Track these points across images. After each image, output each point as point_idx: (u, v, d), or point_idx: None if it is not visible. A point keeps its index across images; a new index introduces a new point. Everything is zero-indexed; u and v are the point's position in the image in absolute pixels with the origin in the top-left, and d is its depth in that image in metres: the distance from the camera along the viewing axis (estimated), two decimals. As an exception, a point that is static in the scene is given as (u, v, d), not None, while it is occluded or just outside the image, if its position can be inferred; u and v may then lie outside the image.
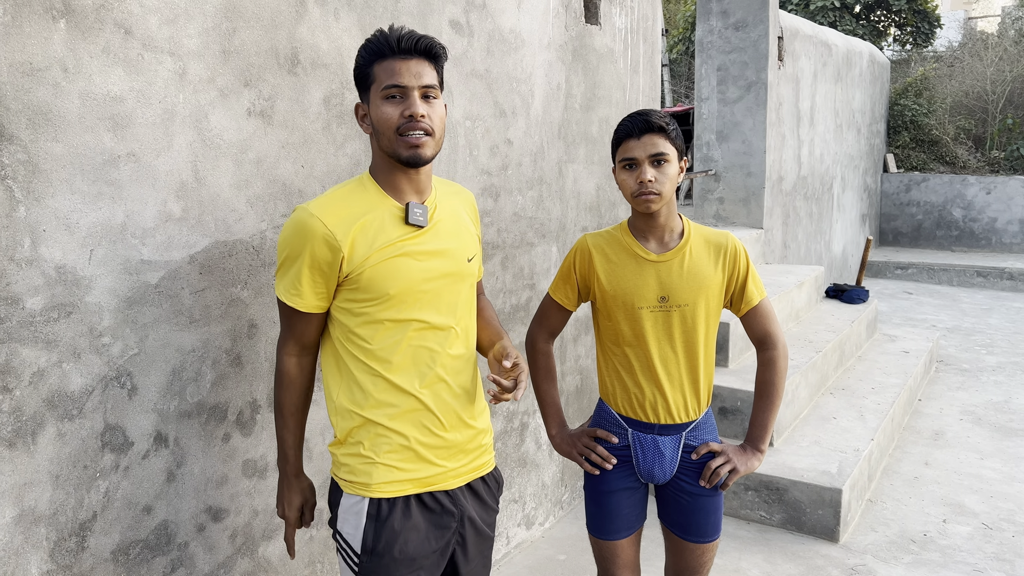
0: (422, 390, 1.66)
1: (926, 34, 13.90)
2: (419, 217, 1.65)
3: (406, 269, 1.62)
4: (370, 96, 1.62)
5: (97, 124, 1.65)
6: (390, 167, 1.65)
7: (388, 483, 1.64)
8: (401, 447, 1.65)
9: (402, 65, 1.57)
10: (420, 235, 1.66)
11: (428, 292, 1.65)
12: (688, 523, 2.04)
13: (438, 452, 1.69)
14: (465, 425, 1.74)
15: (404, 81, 1.57)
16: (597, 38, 3.51)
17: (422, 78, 1.58)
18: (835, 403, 4.48)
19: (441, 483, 1.70)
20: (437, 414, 1.68)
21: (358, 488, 1.65)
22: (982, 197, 10.69)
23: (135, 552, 1.80)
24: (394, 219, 1.64)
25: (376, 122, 1.61)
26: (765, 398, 2.03)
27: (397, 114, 1.57)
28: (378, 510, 1.64)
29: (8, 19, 1.49)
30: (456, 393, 1.71)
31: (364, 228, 1.60)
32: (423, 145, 1.59)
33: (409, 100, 1.57)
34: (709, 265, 1.98)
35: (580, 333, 3.63)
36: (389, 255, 1.61)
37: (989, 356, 6.37)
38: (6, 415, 1.54)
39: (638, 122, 1.87)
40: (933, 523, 3.54)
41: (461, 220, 1.76)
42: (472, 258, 1.75)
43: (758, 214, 6.28)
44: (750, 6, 6.05)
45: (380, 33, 1.59)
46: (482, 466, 1.79)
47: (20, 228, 1.54)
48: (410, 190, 1.67)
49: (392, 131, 1.58)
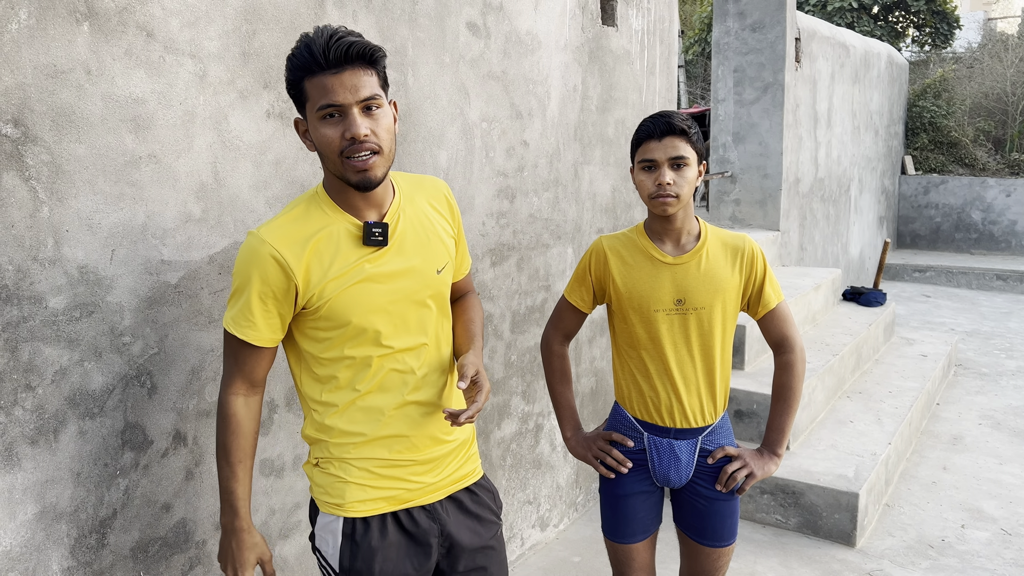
0: (392, 413, 1.59)
1: (945, 35, 13.78)
2: (378, 238, 1.53)
3: (368, 295, 1.52)
4: (307, 114, 1.46)
5: (119, 126, 1.67)
6: (341, 186, 1.52)
7: (361, 502, 1.58)
8: (372, 469, 1.59)
9: (334, 80, 1.40)
10: (381, 255, 1.54)
11: (393, 315, 1.56)
12: (704, 527, 2.03)
13: (412, 469, 1.62)
14: (440, 442, 1.65)
15: (339, 99, 1.40)
16: (614, 40, 3.51)
17: (359, 91, 1.41)
18: (852, 407, 4.45)
19: (418, 499, 1.63)
20: (409, 436, 1.61)
21: (332, 508, 1.59)
22: (1002, 199, 10.58)
23: (154, 549, 1.82)
24: (351, 238, 1.52)
25: (318, 144, 1.46)
26: (782, 402, 2.02)
27: (338, 136, 1.43)
28: (353, 529, 1.58)
29: (33, 22, 1.51)
30: (428, 411, 1.63)
31: (318, 251, 1.49)
32: (372, 167, 1.45)
33: (348, 119, 1.42)
34: (726, 268, 1.96)
35: (595, 335, 3.62)
36: (348, 282, 1.51)
37: (1008, 360, 6.30)
38: (29, 413, 1.56)
39: (659, 124, 1.86)
40: (951, 528, 3.51)
41: (428, 226, 1.63)
42: (443, 268, 1.64)
43: (775, 216, 6.24)
44: (767, 7, 6.02)
45: (304, 43, 1.41)
46: (463, 477, 1.71)
47: (44, 228, 1.56)
48: (366, 206, 1.54)
49: (336, 155, 1.44)
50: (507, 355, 3.01)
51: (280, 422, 2.10)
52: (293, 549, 2.18)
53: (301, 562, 2.21)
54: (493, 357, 2.93)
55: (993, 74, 12.23)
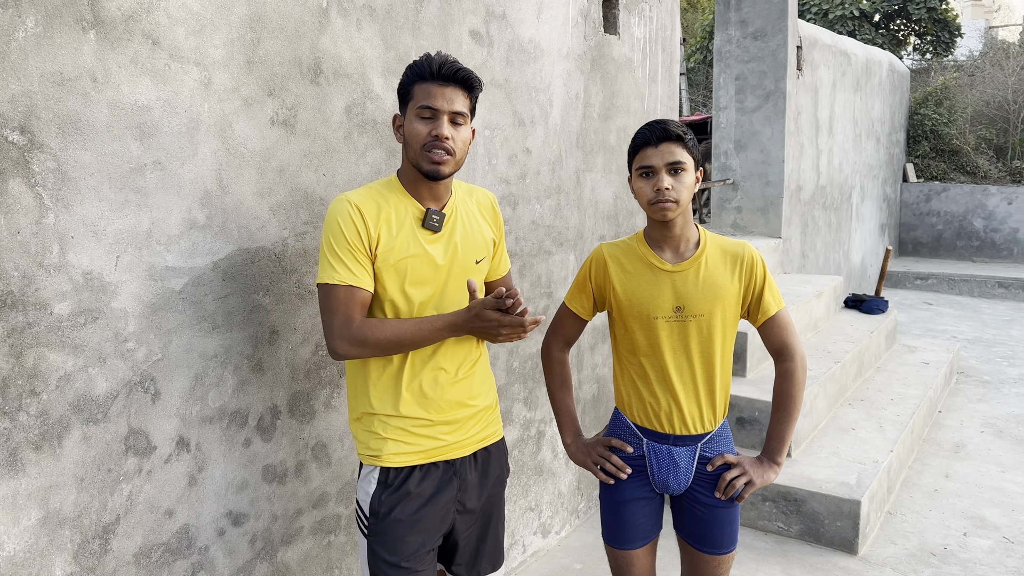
0: (421, 376, 1.84)
1: (946, 43, 13.80)
2: (435, 223, 1.83)
3: (418, 268, 1.81)
4: (407, 111, 1.79)
5: (125, 133, 1.68)
6: (415, 175, 1.83)
7: (396, 454, 1.83)
8: (405, 427, 1.83)
9: (438, 90, 1.75)
10: (434, 240, 1.84)
11: (434, 291, 1.84)
12: (703, 534, 2.03)
13: (440, 428, 1.87)
14: (465, 406, 1.91)
15: (437, 104, 1.74)
16: (616, 48, 3.53)
17: (454, 104, 1.76)
18: (854, 414, 4.45)
19: (445, 454, 1.88)
20: (436, 399, 1.85)
21: (371, 460, 1.85)
22: (1003, 207, 10.58)
23: (157, 555, 1.82)
24: (413, 220, 1.82)
25: (407, 135, 1.79)
26: (782, 410, 2.02)
27: (426, 132, 1.75)
28: (387, 477, 1.83)
29: (40, 30, 1.52)
30: (456, 379, 1.88)
31: (388, 221, 1.79)
32: (443, 163, 1.77)
33: (438, 122, 1.75)
34: (725, 275, 1.97)
35: (597, 342, 3.63)
36: (406, 254, 1.79)
37: (1011, 368, 6.29)
38: (33, 418, 1.57)
39: (656, 130, 1.89)
40: (953, 536, 3.50)
41: (474, 225, 1.93)
42: (481, 260, 1.93)
43: (776, 224, 6.25)
44: (768, 15, 6.04)
45: (426, 57, 1.76)
46: (487, 437, 1.97)
47: (49, 235, 1.57)
48: (429, 197, 1.85)
49: (419, 145, 1.76)
50: (509, 362, 3.01)
51: (283, 428, 2.11)
52: (295, 555, 2.18)
53: (303, 568, 2.21)
54: (495, 364, 2.94)
55: (994, 82, 12.25)
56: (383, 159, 2.34)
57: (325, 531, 2.27)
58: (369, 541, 1.83)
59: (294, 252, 2.09)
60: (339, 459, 2.30)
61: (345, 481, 2.32)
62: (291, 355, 2.11)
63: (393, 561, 1.80)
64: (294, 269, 2.10)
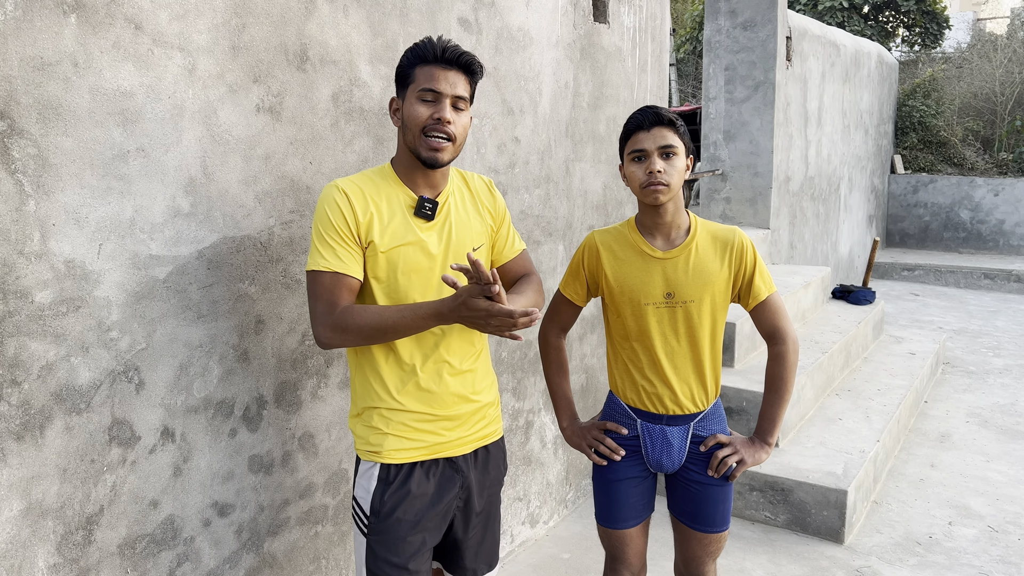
0: (424, 368, 1.79)
1: (935, 35, 13.84)
2: (427, 211, 1.79)
3: (411, 257, 1.76)
4: (406, 94, 1.76)
5: (107, 119, 1.65)
6: (410, 162, 1.79)
7: (397, 450, 1.79)
8: (406, 421, 1.79)
9: (441, 73, 1.72)
10: (428, 228, 1.80)
11: (432, 281, 1.80)
12: (697, 512, 2.07)
13: (442, 424, 1.83)
14: (468, 400, 1.87)
15: (439, 87, 1.71)
16: (605, 37, 3.51)
17: (456, 88, 1.73)
18: (841, 404, 4.47)
19: (446, 451, 1.84)
20: (440, 393, 1.81)
21: (371, 456, 1.81)
22: (990, 199, 10.64)
23: (141, 546, 1.81)
24: (406, 208, 1.78)
25: (406, 118, 1.75)
26: (774, 392, 2.05)
27: (427, 114, 1.72)
28: (387, 474, 1.79)
29: (19, 13, 1.49)
30: (458, 372, 1.84)
31: (379, 208, 1.76)
32: (443, 149, 1.73)
33: (440, 105, 1.72)
34: (715, 261, 1.99)
35: (586, 332, 3.62)
36: (397, 243, 1.75)
37: (996, 358, 6.34)
38: (15, 408, 1.55)
39: (648, 115, 1.91)
40: (939, 525, 3.53)
41: (470, 212, 1.89)
42: (479, 247, 1.89)
43: (765, 214, 6.26)
44: (758, 6, 6.03)
45: (429, 40, 1.74)
46: (488, 436, 1.93)
47: (30, 222, 1.54)
48: (424, 184, 1.81)
49: (418, 129, 1.73)
50: (497, 352, 3.00)
51: (269, 418, 2.09)
52: (282, 546, 2.17)
53: (290, 559, 2.20)
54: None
55: (982, 74, 12.30)
56: (370, 147, 2.32)
57: (312, 522, 2.26)
58: (369, 540, 1.79)
59: (280, 241, 2.07)
60: (326, 449, 2.29)
61: (332, 471, 2.31)
62: (277, 344, 2.09)
63: (396, 562, 1.76)
64: (280, 258, 2.08)
